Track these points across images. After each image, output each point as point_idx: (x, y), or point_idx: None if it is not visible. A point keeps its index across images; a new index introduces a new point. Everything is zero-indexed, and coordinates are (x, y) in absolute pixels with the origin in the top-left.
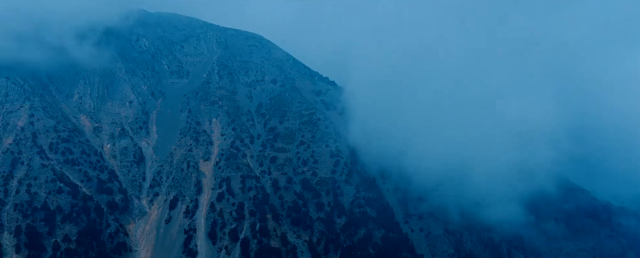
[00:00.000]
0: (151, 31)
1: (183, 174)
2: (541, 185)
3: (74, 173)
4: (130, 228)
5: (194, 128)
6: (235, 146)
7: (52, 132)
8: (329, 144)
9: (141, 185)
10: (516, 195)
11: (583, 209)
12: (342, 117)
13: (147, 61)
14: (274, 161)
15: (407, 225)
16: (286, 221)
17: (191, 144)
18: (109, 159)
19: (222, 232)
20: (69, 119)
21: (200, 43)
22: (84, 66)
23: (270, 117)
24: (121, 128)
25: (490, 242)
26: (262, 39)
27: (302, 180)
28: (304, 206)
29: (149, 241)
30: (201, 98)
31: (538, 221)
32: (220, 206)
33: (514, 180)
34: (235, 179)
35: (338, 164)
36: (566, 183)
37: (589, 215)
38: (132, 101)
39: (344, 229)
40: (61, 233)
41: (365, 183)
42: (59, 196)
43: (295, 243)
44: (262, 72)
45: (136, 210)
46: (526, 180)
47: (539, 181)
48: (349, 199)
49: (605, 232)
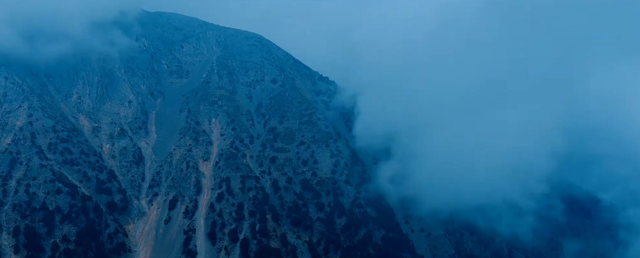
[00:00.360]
0: (150, 31)
1: (182, 174)
2: (542, 185)
3: (72, 173)
4: (129, 229)
5: (194, 128)
6: (234, 146)
7: (51, 132)
8: (329, 144)
9: (140, 185)
10: (517, 195)
11: (583, 209)
12: (342, 117)
13: (147, 60)
14: (273, 161)
15: (408, 225)
16: (286, 221)
17: (190, 145)
18: (108, 160)
19: (221, 232)
20: (67, 119)
21: (200, 43)
22: (83, 65)
23: (270, 117)
24: (120, 128)
25: (491, 242)
26: (261, 39)
27: (302, 180)
28: (304, 206)
29: (148, 241)
30: (201, 98)
31: (538, 221)
32: (220, 206)
33: (515, 180)
34: (235, 179)
35: (338, 164)
36: (565, 183)
37: (589, 214)
38: (131, 101)
39: (344, 229)
40: (60, 234)
41: (366, 183)
42: (57, 196)
43: (295, 243)
44: (262, 72)
45: (135, 211)
46: (527, 181)
47: (540, 181)
48: (349, 199)
49: (605, 232)
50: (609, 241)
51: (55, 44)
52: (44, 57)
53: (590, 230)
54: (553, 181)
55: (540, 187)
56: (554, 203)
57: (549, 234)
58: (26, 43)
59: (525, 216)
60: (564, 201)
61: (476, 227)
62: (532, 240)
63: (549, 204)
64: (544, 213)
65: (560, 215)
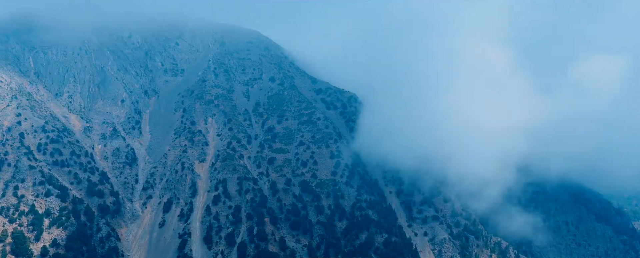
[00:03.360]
0: (144, 27)
1: (177, 176)
2: (550, 188)
3: (63, 174)
4: (122, 233)
5: (189, 128)
6: (231, 147)
7: (41, 132)
8: (329, 145)
9: (134, 187)
10: (525, 199)
11: (594, 213)
12: (343, 117)
13: (140, 58)
14: (272, 163)
15: (411, 228)
16: (285, 225)
17: (186, 145)
18: (100, 161)
19: (218, 236)
20: (58, 119)
21: (196, 40)
22: (74, 63)
23: (268, 117)
24: (113, 128)
25: (497, 246)
26: (260, 36)
27: (301, 182)
28: (303, 209)
29: (141, 246)
30: (196, 97)
31: (547, 225)
32: (216, 209)
33: (522, 183)
34: (232, 181)
35: (339, 165)
36: (575, 186)
37: (601, 218)
38: (124, 100)
39: (344, 233)
40: (49, 238)
41: (367, 185)
42: (47, 199)
43: (294, 247)
44: (260, 70)
45: (128, 214)
46: (534, 183)
47: (548, 184)
48: (350, 202)
49: (618, 237)
50: (623, 246)
51: (45, 41)
52: (33, 55)
53: (603, 235)
54: (563, 184)
55: (549, 190)
56: (564, 207)
57: (558, 238)
58: (13, 38)
59: (534, 220)
60: (575, 205)
61: (482, 230)
62: (540, 244)
63: (559, 208)
64: (553, 217)
65: (570, 218)
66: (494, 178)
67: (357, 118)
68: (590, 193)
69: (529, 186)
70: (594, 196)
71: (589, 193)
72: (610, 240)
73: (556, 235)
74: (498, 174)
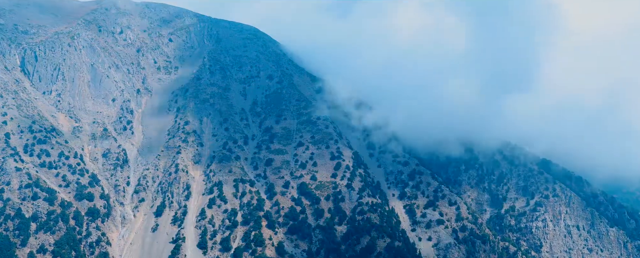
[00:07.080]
0: (136, 22)
1: (171, 178)
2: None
3: (51, 177)
4: (113, 237)
5: (183, 128)
6: (227, 148)
7: (28, 132)
8: (329, 145)
9: (125, 190)
10: (534, 201)
11: (607, 216)
12: (344, 116)
13: (132, 55)
14: (269, 164)
15: (414, 233)
16: (282, 229)
17: (180, 146)
18: (89, 162)
19: (213, 240)
20: (46, 118)
21: (190, 36)
22: (62, 59)
23: (266, 116)
24: (103, 128)
25: (505, 251)
26: (257, 32)
27: (300, 185)
28: (301, 213)
29: (133, 251)
30: (191, 96)
31: (555, 229)
32: (211, 213)
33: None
34: (228, 183)
35: (339, 167)
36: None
37: (615, 222)
38: (116, 98)
39: (345, 238)
40: (36, 243)
41: (369, 187)
42: (34, 202)
43: (293, 253)
44: (257, 68)
45: (119, 217)
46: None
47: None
48: (350, 205)
49: (634, 243)
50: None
51: (32, 35)
52: (19, 51)
53: (616, 240)
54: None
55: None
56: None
57: (569, 243)
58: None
59: (543, 224)
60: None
61: (489, 234)
62: (550, 248)
63: (571, 210)
64: (564, 220)
65: (583, 221)
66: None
67: (357, 118)
68: (603, 194)
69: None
70: (606, 198)
71: (602, 194)
72: (624, 245)
73: (567, 239)
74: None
